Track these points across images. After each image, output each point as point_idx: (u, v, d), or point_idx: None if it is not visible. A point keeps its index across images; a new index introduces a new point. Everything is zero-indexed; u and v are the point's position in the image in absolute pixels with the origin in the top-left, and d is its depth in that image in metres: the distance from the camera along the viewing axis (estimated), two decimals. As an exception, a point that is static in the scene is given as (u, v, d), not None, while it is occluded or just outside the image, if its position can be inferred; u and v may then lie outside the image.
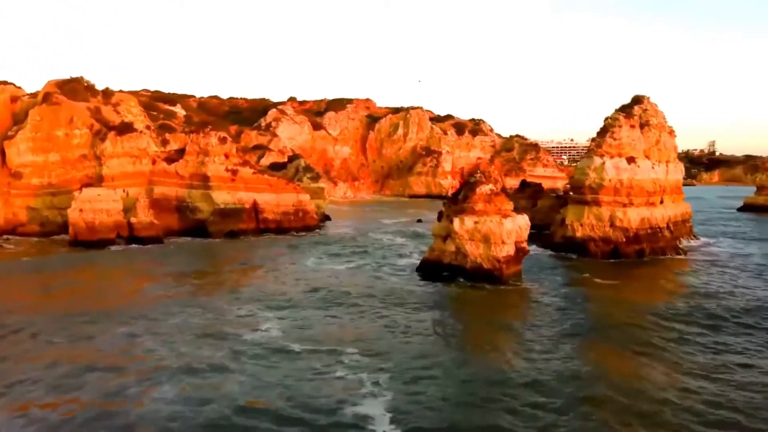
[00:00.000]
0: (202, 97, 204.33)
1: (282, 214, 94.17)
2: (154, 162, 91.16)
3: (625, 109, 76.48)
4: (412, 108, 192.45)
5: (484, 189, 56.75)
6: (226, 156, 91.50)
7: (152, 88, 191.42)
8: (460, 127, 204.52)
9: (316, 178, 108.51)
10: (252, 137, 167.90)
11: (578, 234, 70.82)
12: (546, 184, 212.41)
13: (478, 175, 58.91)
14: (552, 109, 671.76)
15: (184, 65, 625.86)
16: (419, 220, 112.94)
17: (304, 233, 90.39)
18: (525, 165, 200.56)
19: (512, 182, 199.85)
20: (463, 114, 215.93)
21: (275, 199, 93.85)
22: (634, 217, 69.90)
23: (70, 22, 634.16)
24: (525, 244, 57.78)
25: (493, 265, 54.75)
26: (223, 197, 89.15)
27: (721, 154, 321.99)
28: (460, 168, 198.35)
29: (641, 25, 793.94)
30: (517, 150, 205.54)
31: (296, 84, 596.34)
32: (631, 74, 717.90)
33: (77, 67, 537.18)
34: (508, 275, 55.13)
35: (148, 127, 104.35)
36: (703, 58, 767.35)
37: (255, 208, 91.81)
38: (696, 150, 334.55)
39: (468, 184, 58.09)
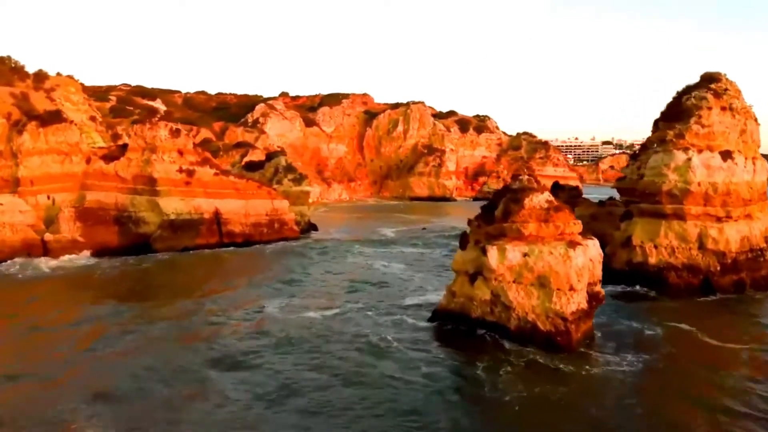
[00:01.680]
0: (188, 93, 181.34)
1: (252, 226, 71.11)
2: (88, 161, 68.05)
3: (707, 88, 53.09)
4: (413, 103, 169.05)
5: (538, 200, 33.65)
6: (180, 153, 68.34)
7: (143, 84, 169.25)
8: (463, 124, 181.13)
9: (299, 179, 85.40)
10: (238, 134, 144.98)
11: (652, 260, 47.70)
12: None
13: (525, 178, 35.83)
14: (555, 108, 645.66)
15: (175, 61, 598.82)
16: (424, 228, 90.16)
17: (278, 248, 67.27)
18: (534, 164, 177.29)
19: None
20: (465, 112, 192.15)
21: (243, 207, 70.79)
22: (732, 235, 46.82)
23: (54, 13, 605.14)
24: (599, 287, 34.79)
25: (556, 325, 31.69)
26: (174, 205, 66.07)
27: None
28: (464, 168, 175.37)
29: (645, 22, 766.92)
30: (525, 148, 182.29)
31: (290, 81, 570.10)
32: (633, 73, 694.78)
33: (62, 61, 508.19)
34: (578, 340, 32.14)
35: (92, 119, 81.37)
36: (705, 56, 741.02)
37: (217, 218, 68.81)
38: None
39: (510, 191, 34.92)
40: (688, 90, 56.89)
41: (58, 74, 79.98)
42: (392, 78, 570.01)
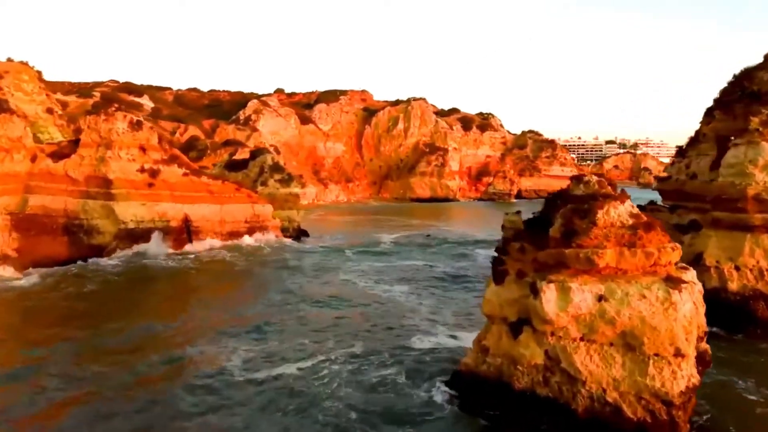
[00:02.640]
0: (179, 90, 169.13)
1: (228, 235, 59.01)
2: (34, 158, 55.91)
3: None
4: (414, 99, 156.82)
5: (618, 213, 21.44)
6: (143, 149, 56.19)
7: (132, 81, 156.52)
8: (466, 122, 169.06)
9: (287, 180, 73.20)
10: (228, 132, 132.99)
11: (732, 285, 35.53)
12: (563, 185, 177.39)
13: (594, 179, 23.50)
14: (555, 108, 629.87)
15: (170, 58, 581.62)
16: (428, 235, 78.03)
17: (256, 261, 55.13)
18: (540, 164, 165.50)
19: (527, 183, 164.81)
20: (466, 111, 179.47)
21: (218, 213, 58.67)
22: (841, 254, 34.60)
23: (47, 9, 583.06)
24: (705, 341, 22.65)
25: (654, 412, 19.47)
26: (133, 211, 53.97)
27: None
28: (467, 167, 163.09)
29: (645, 22, 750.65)
30: (531, 147, 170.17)
31: (287, 78, 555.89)
32: (633, 73, 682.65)
33: (53, 56, 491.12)
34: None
35: (50, 111, 69.17)
36: (706, 56, 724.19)
37: (187, 226, 56.73)
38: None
39: (572, 199, 22.62)
40: (748, 72, 44.90)
41: (9, 60, 67.74)
42: (392, 75, 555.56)
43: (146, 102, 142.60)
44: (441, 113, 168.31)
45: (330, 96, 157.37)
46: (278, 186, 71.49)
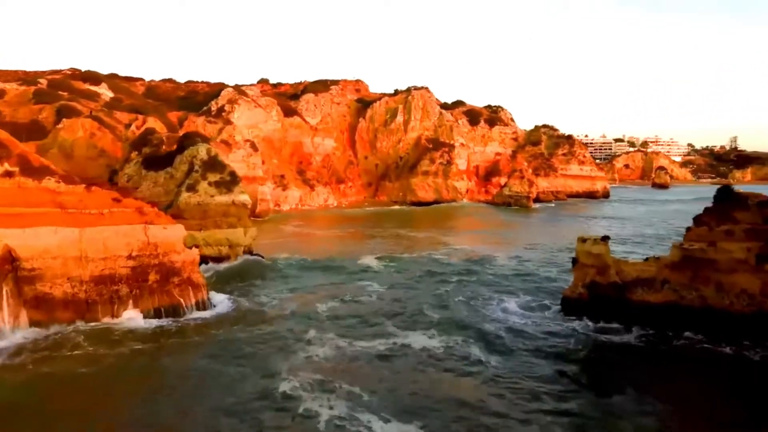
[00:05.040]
0: (152, 81, 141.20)
1: (94, 283, 31.03)
2: None
3: None
4: (415, 88, 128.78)
5: None
6: None
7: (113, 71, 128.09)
8: (473, 116, 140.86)
9: (228, 183, 45.19)
10: (197, 125, 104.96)
11: None
12: (582, 186, 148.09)
13: None
14: (560, 105, 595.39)
15: (148, 48, 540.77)
16: (452, 281, 50.39)
17: (127, 343, 27.50)
18: (556, 162, 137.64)
19: (543, 184, 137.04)
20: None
21: (76, 243, 30.69)
22: None
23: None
24: None
25: None
26: None
27: (744, 151, 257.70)
28: (474, 166, 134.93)
29: (644, 22, 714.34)
30: (546, 143, 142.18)
31: (277, 71, 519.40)
32: (633, 72, 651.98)
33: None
34: None
35: None
36: (705, 56, 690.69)
37: (13, 268, 28.90)
38: (716, 146, 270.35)
39: None
40: None
41: None
42: (389, 70, 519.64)
43: (104, 91, 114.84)
44: (445, 106, 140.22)
45: (319, 86, 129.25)
46: (213, 192, 43.68)
